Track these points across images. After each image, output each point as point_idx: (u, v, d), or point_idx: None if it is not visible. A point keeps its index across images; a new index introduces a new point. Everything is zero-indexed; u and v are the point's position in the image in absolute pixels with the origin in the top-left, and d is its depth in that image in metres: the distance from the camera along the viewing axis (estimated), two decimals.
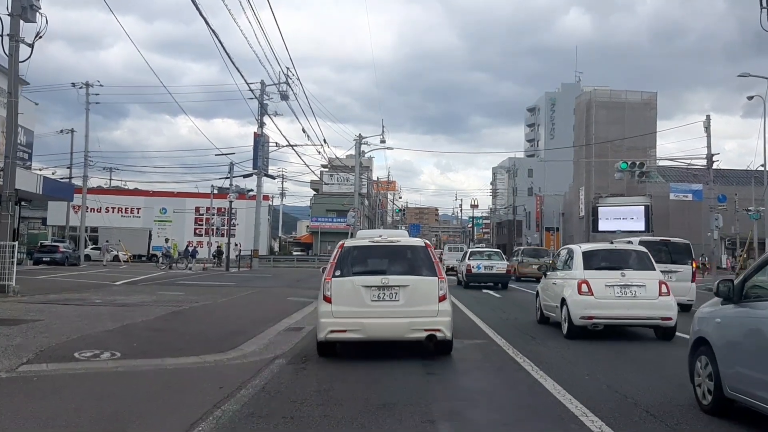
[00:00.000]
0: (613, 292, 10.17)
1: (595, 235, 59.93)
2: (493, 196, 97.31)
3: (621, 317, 10.26)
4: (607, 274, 10.43)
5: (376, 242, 8.97)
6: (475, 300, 18.14)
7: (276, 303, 15.47)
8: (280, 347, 9.25)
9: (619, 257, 11.01)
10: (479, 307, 16.02)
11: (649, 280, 10.34)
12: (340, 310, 8.14)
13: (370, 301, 8.13)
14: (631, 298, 10.17)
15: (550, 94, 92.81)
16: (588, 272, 10.51)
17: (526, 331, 11.52)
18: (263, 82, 41.32)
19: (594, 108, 62.19)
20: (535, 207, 71.92)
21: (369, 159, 78.29)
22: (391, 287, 8.14)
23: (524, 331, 11.37)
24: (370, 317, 8.09)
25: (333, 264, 8.60)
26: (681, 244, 16.41)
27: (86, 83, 43.34)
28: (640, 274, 10.47)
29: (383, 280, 8.17)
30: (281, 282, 24.30)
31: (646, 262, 10.83)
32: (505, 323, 12.56)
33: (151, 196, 59.68)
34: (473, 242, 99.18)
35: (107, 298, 15.54)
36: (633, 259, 10.93)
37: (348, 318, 8.10)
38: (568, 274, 11.11)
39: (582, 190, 63.42)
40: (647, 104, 62.81)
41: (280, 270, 37.82)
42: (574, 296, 10.32)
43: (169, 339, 9.27)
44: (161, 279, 24.44)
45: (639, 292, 10.19)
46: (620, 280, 10.25)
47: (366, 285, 8.17)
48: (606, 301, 10.12)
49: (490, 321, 12.71)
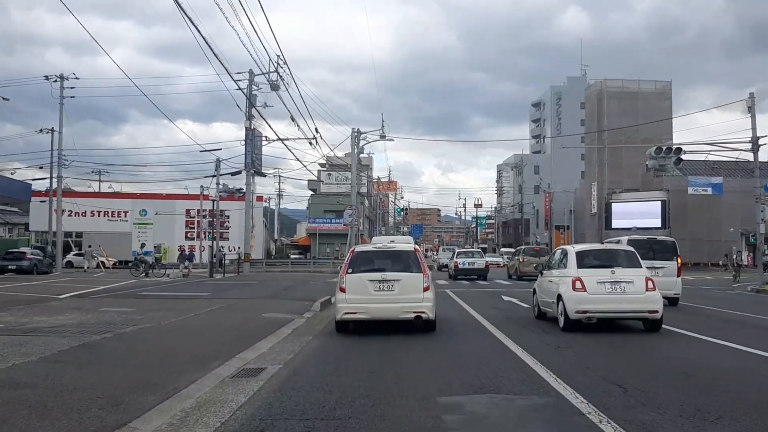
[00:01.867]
0: (604, 288, 10.81)
1: (608, 232, 55.96)
2: (498, 194, 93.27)
3: (612, 311, 10.94)
4: (599, 271, 11.07)
5: (378, 248, 11.66)
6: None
7: (242, 323, 11.54)
8: (209, 416, 5.34)
9: (609, 256, 11.80)
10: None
11: (637, 277, 11.00)
12: (351, 297, 10.49)
13: (373, 291, 10.44)
14: (621, 293, 10.81)
15: (555, 88, 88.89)
16: (581, 270, 11.15)
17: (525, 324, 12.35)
18: (251, 72, 37.49)
19: (605, 99, 58.23)
20: (544, 204, 67.82)
21: (369, 157, 74.40)
22: (389, 281, 10.46)
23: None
24: (373, 302, 10.41)
25: (347, 264, 10.97)
26: (667, 242, 17.40)
27: (60, 76, 39.44)
28: (628, 271, 11.09)
29: (383, 275, 10.50)
30: (265, 291, 20.38)
31: (634, 261, 11.50)
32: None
33: (138, 199, 55.65)
34: (477, 242, 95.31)
35: (22, 320, 11.67)
36: (622, 258, 11.61)
37: (357, 303, 10.43)
38: (563, 272, 11.69)
39: (594, 185, 59.41)
40: (661, 94, 58.83)
41: (272, 275, 33.84)
42: (569, 292, 10.96)
43: (8, 415, 5.31)
44: (124, 289, 20.54)
45: (628, 287, 10.83)
46: (610, 277, 10.89)
47: (370, 279, 10.50)
48: (598, 297, 10.76)
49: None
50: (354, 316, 10.49)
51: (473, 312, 14.43)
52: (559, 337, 10.33)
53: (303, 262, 48.14)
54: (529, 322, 12.51)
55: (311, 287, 22.34)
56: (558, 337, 10.33)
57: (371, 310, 10.38)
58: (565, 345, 9.45)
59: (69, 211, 48.74)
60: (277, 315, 12.97)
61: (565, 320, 10.97)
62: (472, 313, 14.32)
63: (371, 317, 10.47)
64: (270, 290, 20.62)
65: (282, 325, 11.29)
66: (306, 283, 24.91)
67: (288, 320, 12.12)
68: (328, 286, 23.42)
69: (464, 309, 15.37)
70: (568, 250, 12.25)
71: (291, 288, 21.86)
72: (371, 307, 10.36)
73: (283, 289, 21.46)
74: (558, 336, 10.42)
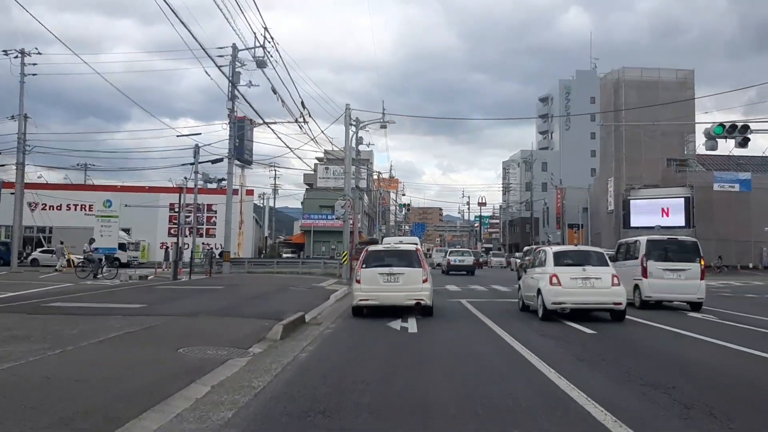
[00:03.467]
0: (576, 283, 12.35)
1: (626, 231, 51.02)
2: (504, 191, 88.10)
3: (583, 303, 12.39)
4: (572, 269, 12.60)
5: (386, 248, 15.37)
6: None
7: (117, 377, 6.49)
8: None
9: (582, 256, 13.26)
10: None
11: (605, 274, 12.52)
12: (365, 287, 12.78)
13: (383, 282, 12.76)
14: (591, 288, 12.34)
15: (564, 82, 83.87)
16: (557, 268, 12.67)
17: None
18: (235, 47, 32.62)
19: (623, 89, 53.20)
20: (555, 201, 62.66)
21: (369, 151, 69.38)
22: (395, 274, 12.81)
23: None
24: (382, 291, 12.71)
25: (362, 261, 13.35)
26: (688, 243, 16.62)
27: (21, 51, 34.60)
28: (597, 269, 12.62)
29: (390, 270, 12.85)
30: (222, 302, 15.41)
31: (603, 260, 13.09)
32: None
33: (118, 192, 50.61)
34: (481, 242, 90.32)
35: None
36: (592, 258, 13.14)
37: (370, 292, 12.72)
38: (542, 270, 13.11)
39: (610, 181, 54.33)
40: (683, 84, 53.79)
41: (251, 278, 28.79)
42: (546, 287, 12.46)
43: None
44: (36, 297, 15.55)
45: (596, 283, 12.36)
46: (582, 274, 12.46)
47: (380, 273, 12.81)
48: (571, 290, 12.28)
49: None
50: (367, 302, 12.70)
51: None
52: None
53: (293, 261, 42.99)
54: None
55: (286, 297, 17.44)
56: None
57: (381, 297, 12.67)
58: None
59: (36, 204, 43.96)
60: (205, 351, 8.05)
61: (543, 311, 12.47)
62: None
63: (381, 303, 12.68)
64: (229, 301, 15.65)
65: (191, 380, 6.36)
66: (284, 291, 19.95)
67: (213, 364, 7.21)
68: (311, 294, 18.47)
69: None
70: (546, 251, 13.75)
71: (260, 297, 16.91)
72: (381, 295, 12.66)
73: (248, 298, 16.47)
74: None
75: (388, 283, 12.64)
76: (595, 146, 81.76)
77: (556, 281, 12.23)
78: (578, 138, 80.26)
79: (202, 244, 52.17)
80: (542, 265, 13.30)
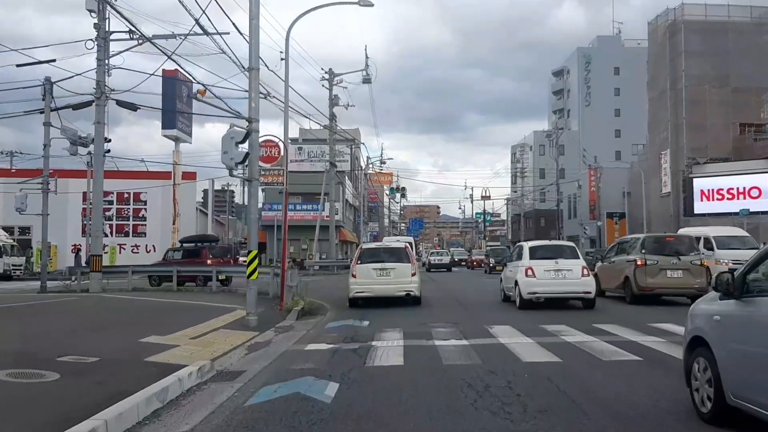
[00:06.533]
0: (549, 275, 13.25)
1: (688, 219, 37.40)
2: (513, 180, 74.25)
3: (556, 292, 13.33)
4: (546, 262, 13.43)
5: (378, 245, 19.00)
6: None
7: None
8: None
9: (554, 250, 14.13)
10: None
11: (575, 266, 13.38)
12: (360, 281, 14.24)
13: (376, 276, 14.23)
14: (562, 279, 13.27)
15: (583, 50, 70.15)
16: (532, 261, 13.55)
17: None
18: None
19: (682, 33, 39.54)
20: (589, 185, 48.61)
21: (355, 129, 55.54)
22: (387, 269, 14.32)
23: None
24: (376, 284, 14.22)
25: (356, 257, 14.94)
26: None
27: None
28: (569, 261, 13.46)
29: (382, 265, 14.37)
30: None
31: (575, 253, 13.99)
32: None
33: (12, 176, 36.61)
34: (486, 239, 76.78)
35: None
36: (565, 251, 14.04)
37: (364, 285, 14.21)
38: (519, 263, 14.01)
39: (665, 155, 40.62)
40: (761, 26, 40.19)
41: (115, 304, 14.72)
42: (522, 278, 13.44)
43: None
44: None
45: (567, 274, 13.27)
46: (555, 266, 13.31)
47: (374, 267, 14.30)
48: (545, 281, 13.25)
49: None
50: (362, 294, 14.24)
51: None
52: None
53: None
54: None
55: None
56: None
57: (374, 290, 14.24)
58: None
59: None
60: None
61: (520, 300, 13.54)
62: None
63: (374, 294, 14.20)
64: None
65: None
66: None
67: None
68: None
69: None
70: (523, 246, 14.95)
71: None
72: (375, 288, 14.23)
73: None
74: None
75: (380, 277, 14.18)
76: (620, 125, 68.24)
77: (531, 273, 13.27)
78: (600, 115, 66.65)
79: (125, 246, 38.42)
80: (519, 259, 14.26)
